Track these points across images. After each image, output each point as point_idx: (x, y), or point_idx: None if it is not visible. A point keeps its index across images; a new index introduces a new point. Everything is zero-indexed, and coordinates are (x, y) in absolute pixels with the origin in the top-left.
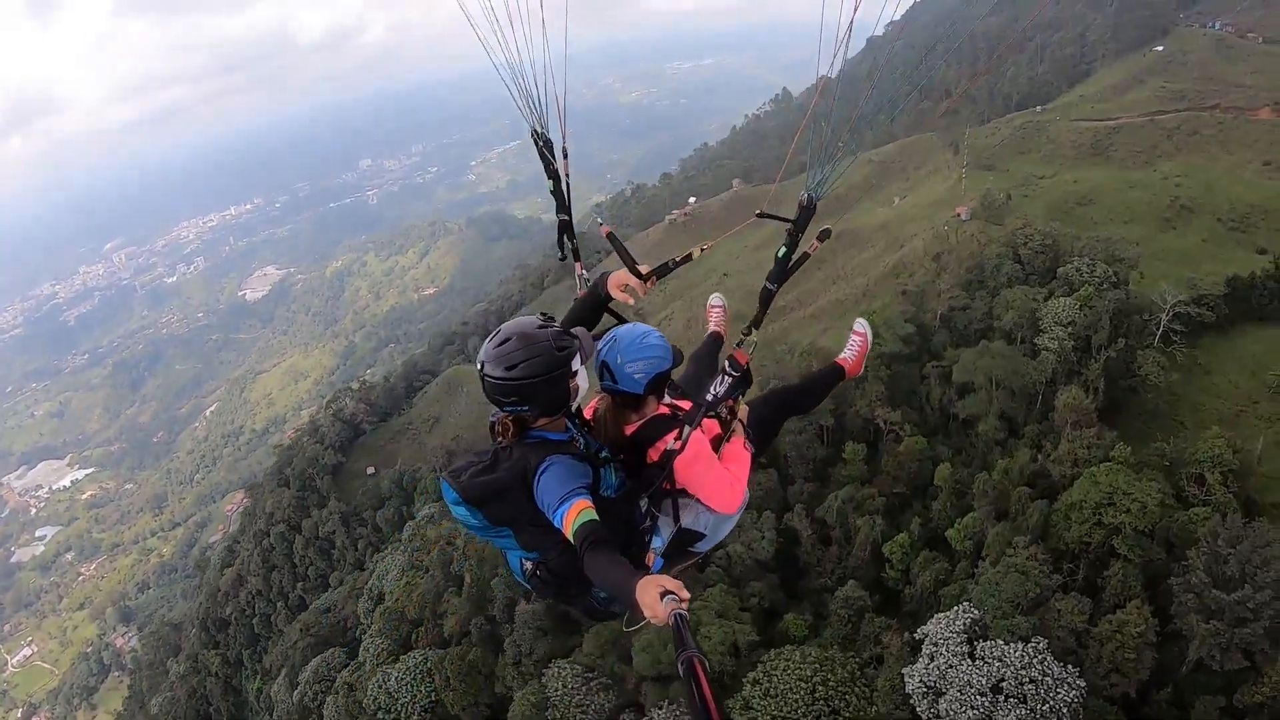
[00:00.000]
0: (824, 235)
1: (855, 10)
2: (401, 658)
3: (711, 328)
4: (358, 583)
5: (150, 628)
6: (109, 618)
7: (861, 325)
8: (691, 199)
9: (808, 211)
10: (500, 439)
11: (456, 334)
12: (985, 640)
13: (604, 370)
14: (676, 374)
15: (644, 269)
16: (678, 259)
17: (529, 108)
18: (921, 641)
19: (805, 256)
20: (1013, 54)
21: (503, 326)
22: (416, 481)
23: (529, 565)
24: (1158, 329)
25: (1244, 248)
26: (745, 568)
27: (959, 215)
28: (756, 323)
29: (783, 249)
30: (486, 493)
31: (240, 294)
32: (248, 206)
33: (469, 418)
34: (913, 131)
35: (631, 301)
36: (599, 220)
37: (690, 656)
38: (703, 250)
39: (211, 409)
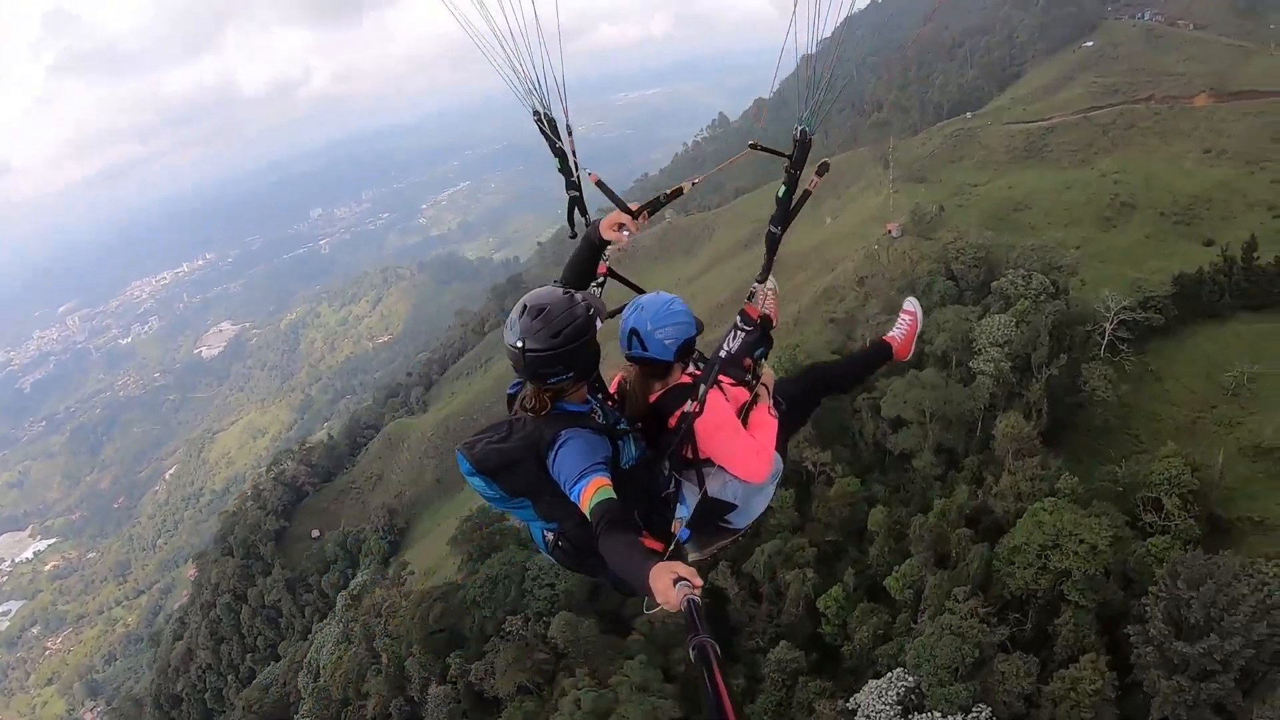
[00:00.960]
0: (822, 169)
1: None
2: None
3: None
4: (297, 655)
5: (115, 703)
6: (76, 692)
7: (912, 304)
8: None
9: (803, 146)
10: (525, 412)
11: (401, 385)
12: (921, 712)
13: (632, 337)
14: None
15: (634, 206)
16: (668, 192)
17: (528, 89)
18: (855, 712)
19: (806, 194)
20: (941, 60)
21: (526, 302)
22: (360, 543)
23: (550, 536)
24: (1103, 339)
25: (1189, 240)
26: (669, 632)
27: (889, 232)
28: (765, 270)
29: (783, 188)
30: (500, 463)
31: (196, 352)
32: (200, 262)
33: (410, 474)
34: (847, 147)
35: (625, 239)
36: (588, 171)
37: (702, 642)
38: (694, 184)
39: (171, 471)
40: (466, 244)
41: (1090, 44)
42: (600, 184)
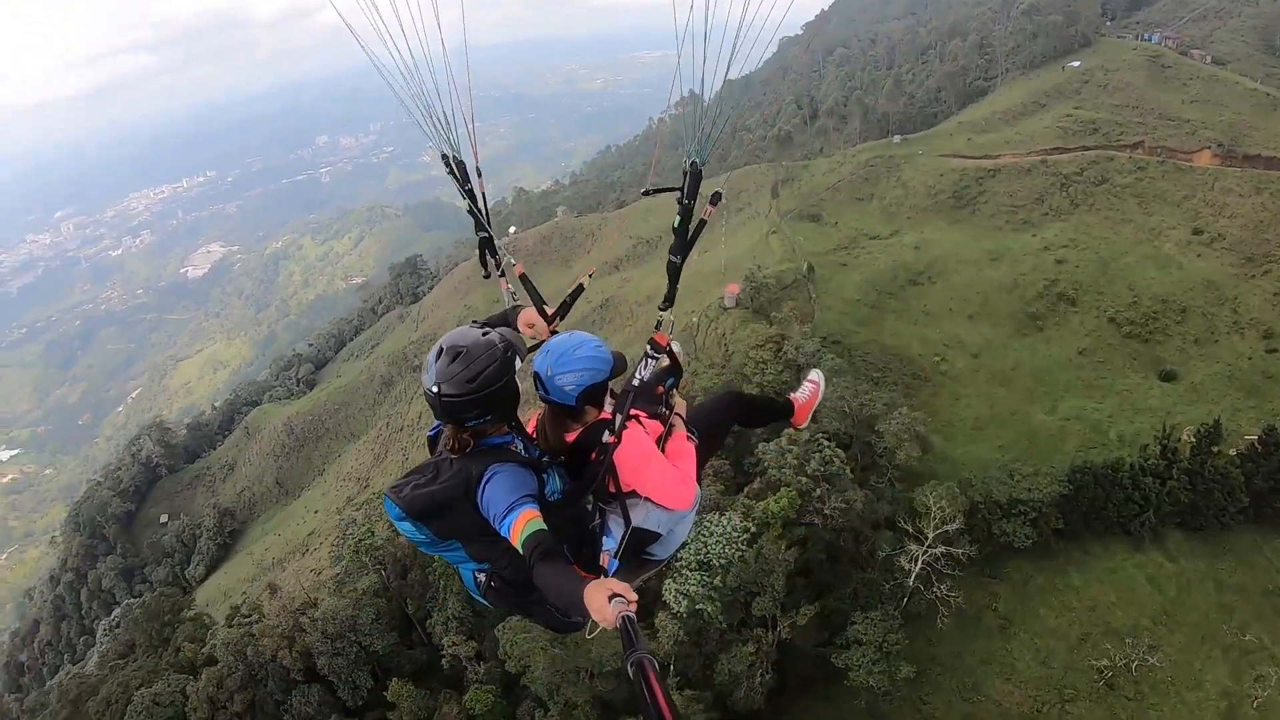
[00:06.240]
0: (715, 199)
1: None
2: None
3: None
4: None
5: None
6: (8, 614)
7: (817, 375)
8: (511, 229)
9: (694, 177)
10: (447, 452)
11: (298, 357)
12: None
13: (536, 380)
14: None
15: (549, 309)
16: (570, 294)
17: (437, 131)
18: None
19: (702, 224)
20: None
21: (443, 343)
22: (195, 538)
23: (482, 577)
24: (914, 565)
25: (1141, 367)
26: None
27: (723, 299)
28: (669, 299)
29: (677, 219)
30: (431, 506)
31: (183, 271)
32: (200, 179)
33: (255, 470)
34: (752, 160)
35: (536, 338)
36: (514, 261)
37: (640, 658)
38: (590, 276)
39: (135, 394)
40: None
41: (1077, 64)
42: (524, 278)
